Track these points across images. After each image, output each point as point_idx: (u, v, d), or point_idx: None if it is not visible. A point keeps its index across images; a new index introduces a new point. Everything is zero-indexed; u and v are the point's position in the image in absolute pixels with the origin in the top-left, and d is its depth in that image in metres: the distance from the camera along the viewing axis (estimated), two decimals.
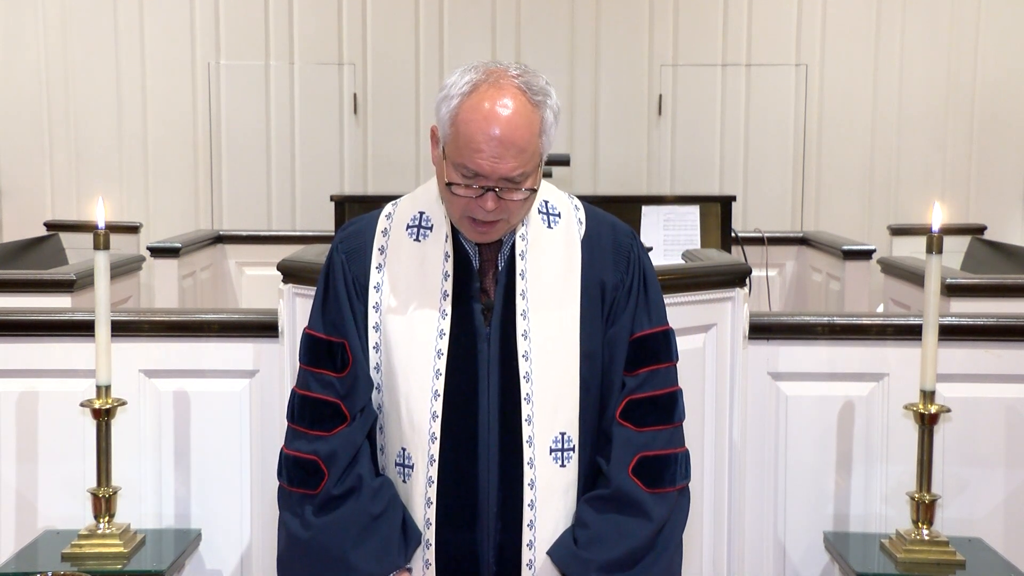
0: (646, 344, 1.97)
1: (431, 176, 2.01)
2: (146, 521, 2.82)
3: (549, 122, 1.86)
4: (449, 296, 1.92)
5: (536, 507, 1.88)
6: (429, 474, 1.89)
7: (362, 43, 6.68)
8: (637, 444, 1.93)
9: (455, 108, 1.83)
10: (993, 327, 2.83)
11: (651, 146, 6.76)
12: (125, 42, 6.63)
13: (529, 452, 1.88)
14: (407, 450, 1.91)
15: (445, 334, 1.91)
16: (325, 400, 1.95)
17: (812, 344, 2.84)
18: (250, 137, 6.69)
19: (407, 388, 1.91)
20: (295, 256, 2.97)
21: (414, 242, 1.96)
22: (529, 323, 1.91)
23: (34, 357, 2.84)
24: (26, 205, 6.63)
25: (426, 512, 1.90)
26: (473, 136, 1.80)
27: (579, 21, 6.70)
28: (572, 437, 1.91)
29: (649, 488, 1.92)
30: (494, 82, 1.82)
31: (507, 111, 1.80)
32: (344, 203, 4.30)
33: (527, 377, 1.90)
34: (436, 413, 1.89)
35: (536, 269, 1.94)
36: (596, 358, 1.94)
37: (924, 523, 2.60)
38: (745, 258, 4.01)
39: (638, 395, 1.95)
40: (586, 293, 1.94)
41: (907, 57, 6.70)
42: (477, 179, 1.82)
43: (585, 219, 2.01)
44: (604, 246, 1.99)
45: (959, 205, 6.66)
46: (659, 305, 2.01)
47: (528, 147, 1.82)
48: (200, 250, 5.39)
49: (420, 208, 1.99)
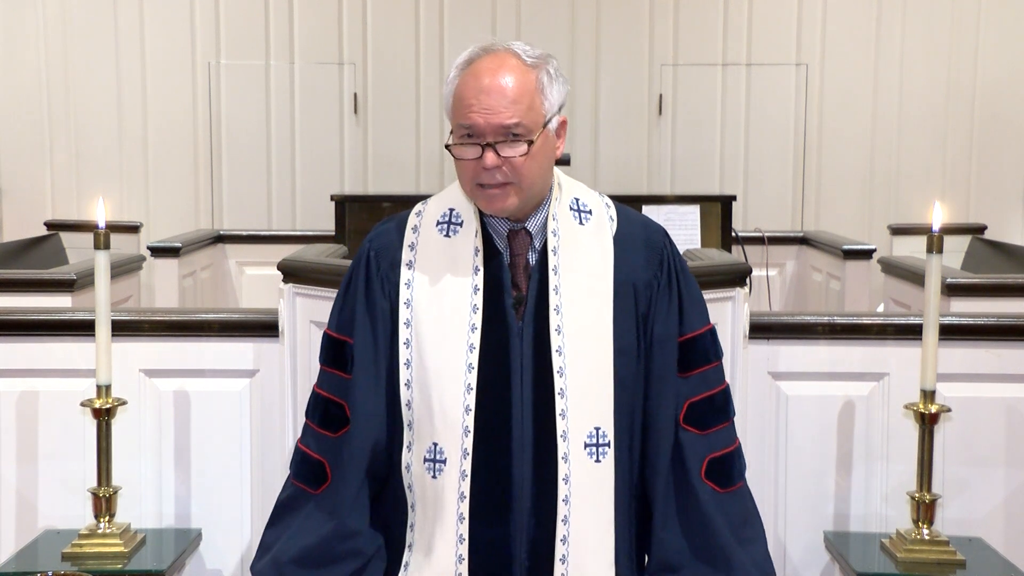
0: (696, 345, 1.98)
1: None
2: (146, 521, 2.82)
3: (545, 81, 1.88)
4: (480, 290, 1.92)
5: (570, 502, 1.87)
6: (463, 468, 1.88)
7: (362, 43, 6.68)
8: (704, 447, 1.96)
9: (453, 80, 1.89)
10: (993, 327, 2.83)
11: (651, 146, 6.76)
12: (125, 42, 6.63)
13: (563, 446, 1.87)
14: (439, 444, 1.89)
15: (477, 328, 1.90)
16: (333, 400, 1.97)
17: (812, 344, 2.84)
18: (250, 137, 6.69)
19: (439, 382, 1.90)
20: (295, 256, 2.97)
21: (444, 238, 1.97)
22: (562, 318, 1.90)
23: (34, 357, 2.84)
24: (26, 205, 6.63)
25: (459, 506, 1.88)
26: (466, 94, 1.85)
27: (579, 21, 6.70)
28: (607, 432, 1.90)
29: (723, 488, 1.95)
30: (488, 49, 1.89)
31: (498, 68, 1.85)
32: (344, 203, 4.29)
33: (560, 372, 1.89)
34: (469, 407, 1.88)
35: (569, 264, 1.94)
36: (630, 355, 1.94)
37: (924, 523, 2.60)
38: (745, 258, 4.00)
39: (696, 397, 1.97)
40: (618, 290, 1.94)
41: (907, 57, 6.70)
42: (475, 136, 1.85)
43: (617, 217, 2.02)
44: (636, 244, 1.99)
45: (959, 205, 6.65)
46: (702, 304, 2.03)
47: (521, 99, 1.84)
48: (200, 250, 5.38)
49: (450, 205, 1.99)
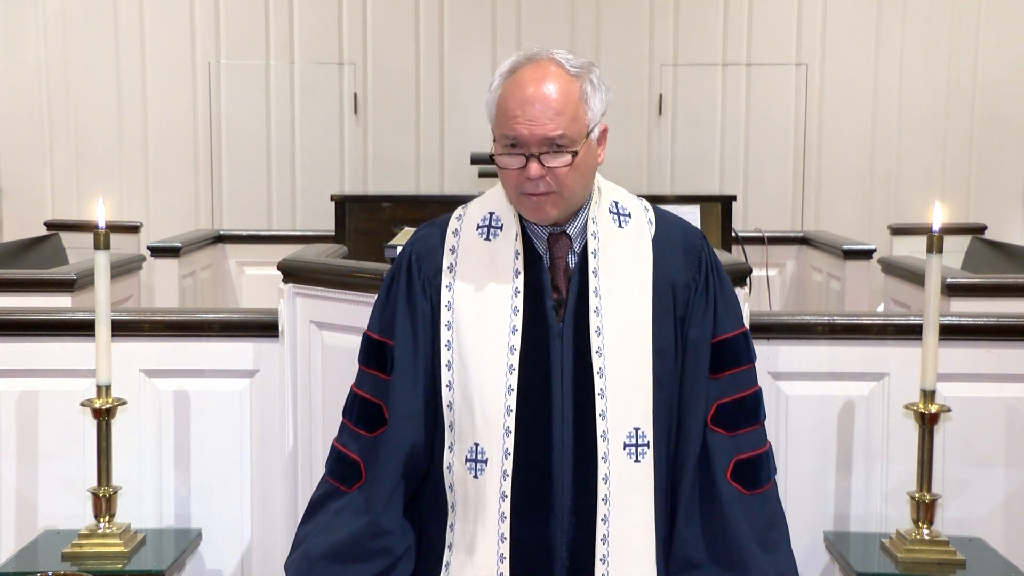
0: (728, 347, 1.99)
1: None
2: (146, 521, 2.82)
3: (589, 91, 1.89)
4: (520, 293, 1.94)
5: (610, 501, 1.89)
6: (504, 468, 1.89)
7: (362, 43, 6.68)
8: (731, 448, 1.96)
9: (496, 88, 1.90)
10: (993, 327, 2.83)
11: (651, 146, 6.76)
12: (125, 42, 6.63)
13: (603, 447, 1.89)
14: (480, 445, 1.91)
15: (517, 330, 1.92)
16: (371, 400, 1.98)
17: (812, 344, 2.84)
18: (250, 137, 6.69)
19: (480, 383, 1.91)
20: (295, 256, 2.97)
21: (484, 241, 1.98)
22: (602, 320, 1.92)
23: (34, 357, 2.84)
24: (26, 205, 6.63)
25: (500, 505, 1.89)
26: (510, 104, 1.86)
27: (579, 21, 6.70)
28: (646, 433, 1.92)
29: (749, 490, 1.97)
30: (532, 58, 1.89)
31: (542, 78, 1.86)
32: (344, 203, 4.29)
33: (601, 373, 1.90)
34: (510, 407, 1.90)
35: (608, 267, 1.95)
36: (668, 356, 1.95)
37: (924, 523, 2.60)
38: (745, 258, 4.00)
39: (726, 399, 1.98)
40: (657, 291, 1.95)
41: (907, 57, 6.70)
42: (519, 146, 1.86)
43: (655, 220, 2.04)
44: (674, 246, 2.00)
45: (959, 205, 6.65)
46: (736, 307, 2.04)
47: (565, 110, 1.85)
48: (200, 250, 5.38)
49: (490, 209, 2.01)
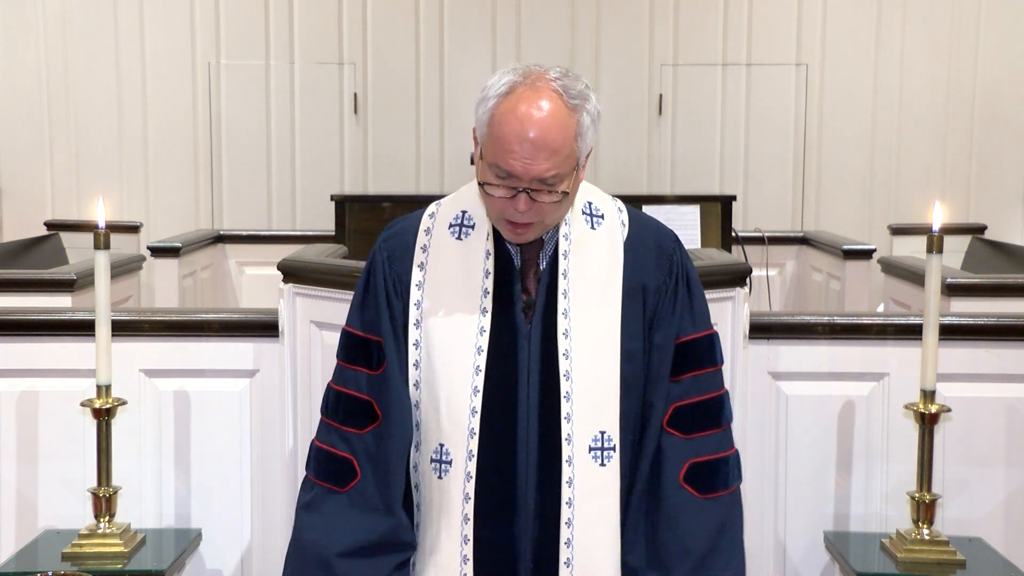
0: (690, 349, 1.97)
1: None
2: (146, 521, 2.82)
3: (586, 125, 1.84)
4: (490, 294, 1.93)
5: (574, 505, 1.88)
6: (468, 470, 1.88)
7: (362, 43, 6.68)
8: (687, 451, 1.94)
9: (491, 109, 1.83)
10: (993, 327, 2.83)
11: (651, 146, 6.76)
12: (125, 42, 6.63)
13: (568, 450, 1.88)
14: (445, 445, 1.91)
15: (486, 331, 1.91)
16: (359, 397, 1.96)
17: (812, 344, 2.84)
18: (250, 137, 6.69)
19: (447, 383, 1.91)
20: (295, 256, 2.97)
21: (456, 240, 1.97)
22: (570, 322, 1.91)
23: (34, 357, 2.84)
24: (26, 205, 6.63)
25: (464, 507, 1.89)
26: (506, 137, 1.80)
27: (579, 21, 6.70)
28: (612, 436, 1.91)
29: (703, 494, 1.93)
30: (531, 84, 1.82)
31: (541, 113, 1.79)
32: (344, 203, 4.29)
33: (567, 375, 1.89)
34: (476, 409, 1.89)
35: (579, 269, 1.94)
36: (636, 359, 1.94)
37: (924, 523, 2.60)
38: (745, 258, 4.00)
39: (684, 401, 1.95)
40: (627, 294, 1.94)
41: (907, 57, 6.70)
42: (510, 179, 1.82)
43: (628, 222, 2.01)
44: (647, 249, 1.98)
45: (959, 205, 6.65)
46: (703, 309, 2.01)
47: (562, 150, 1.81)
48: (200, 250, 5.39)
49: (463, 207, 1.99)
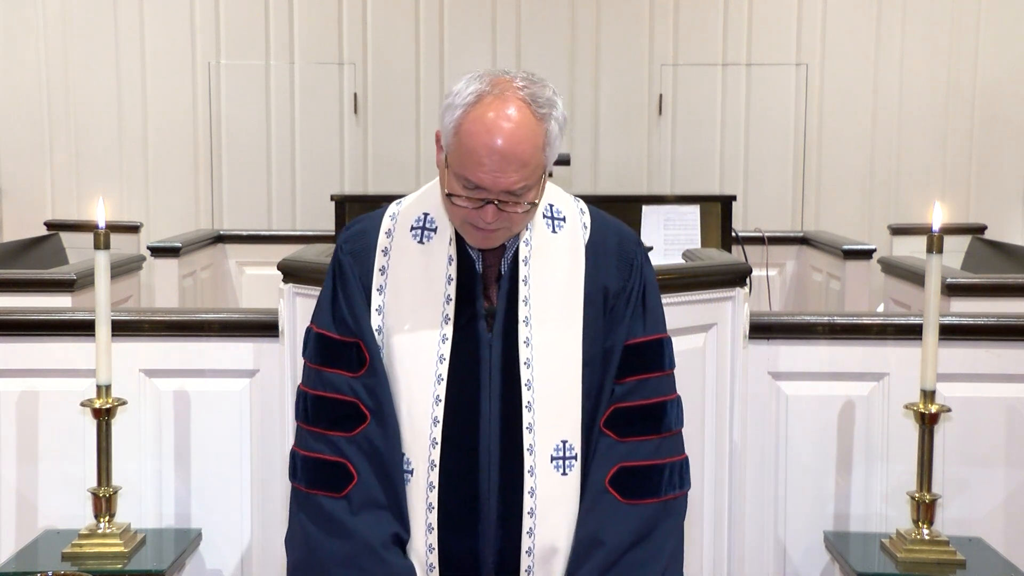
0: (638, 352, 1.94)
1: (434, 176, 1.98)
2: (146, 521, 2.82)
3: (554, 134, 1.83)
4: (452, 301, 1.90)
5: (536, 515, 1.87)
6: (430, 479, 1.87)
7: (362, 43, 6.68)
8: (617, 454, 1.90)
9: (459, 118, 1.80)
10: (993, 327, 2.83)
11: (651, 146, 6.76)
12: (125, 42, 6.62)
13: (530, 460, 1.87)
14: (406, 455, 1.89)
15: (447, 339, 1.89)
16: (342, 400, 1.91)
17: (812, 344, 2.84)
18: (250, 137, 6.68)
19: (408, 392, 1.89)
20: (295, 256, 2.97)
21: (418, 244, 1.94)
22: (531, 330, 1.89)
23: (34, 357, 2.84)
24: (26, 205, 6.63)
25: (427, 516, 1.88)
26: (475, 149, 1.77)
27: (579, 21, 6.69)
28: (574, 445, 1.89)
29: (625, 499, 1.88)
30: (499, 94, 1.79)
31: (510, 124, 1.77)
32: (344, 203, 4.30)
33: (528, 385, 1.88)
34: (437, 418, 1.87)
35: (539, 275, 1.92)
36: (597, 366, 1.92)
37: (924, 523, 2.60)
38: (745, 258, 4.00)
39: (624, 404, 1.92)
40: (589, 300, 1.92)
41: (907, 57, 6.70)
42: (478, 191, 1.79)
43: (590, 224, 1.98)
44: (608, 252, 1.96)
45: (959, 205, 6.65)
46: (656, 313, 1.98)
47: (531, 161, 1.79)
48: (200, 250, 5.39)
49: (425, 209, 1.96)
